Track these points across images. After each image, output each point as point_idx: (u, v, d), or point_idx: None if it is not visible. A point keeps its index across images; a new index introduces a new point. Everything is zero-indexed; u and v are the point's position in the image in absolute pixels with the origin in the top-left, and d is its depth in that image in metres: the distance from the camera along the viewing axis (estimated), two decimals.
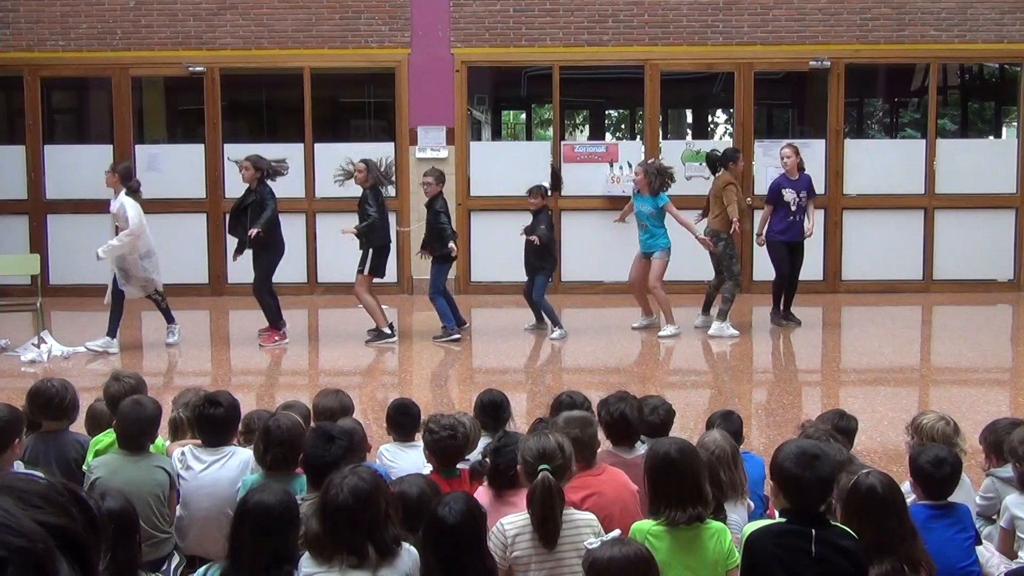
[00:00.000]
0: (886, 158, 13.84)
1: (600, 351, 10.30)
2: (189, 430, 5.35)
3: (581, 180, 13.57)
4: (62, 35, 13.58)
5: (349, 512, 3.52)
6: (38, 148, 13.80)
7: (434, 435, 4.70)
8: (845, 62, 13.46)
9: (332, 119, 16.57)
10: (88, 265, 13.61)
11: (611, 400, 5.00)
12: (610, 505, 4.26)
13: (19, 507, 0.89)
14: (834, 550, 3.54)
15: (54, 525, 0.90)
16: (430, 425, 4.77)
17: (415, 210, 12.50)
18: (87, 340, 10.44)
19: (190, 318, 12.63)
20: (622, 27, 13.44)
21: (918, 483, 4.35)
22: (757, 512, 4.87)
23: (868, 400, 8.27)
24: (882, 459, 6.15)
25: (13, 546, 0.86)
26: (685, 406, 7.37)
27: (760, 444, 6.81)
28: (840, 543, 3.57)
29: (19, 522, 0.88)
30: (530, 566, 3.86)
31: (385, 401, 7.13)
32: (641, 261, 10.93)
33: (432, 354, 10.28)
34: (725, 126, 21.30)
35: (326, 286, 13.08)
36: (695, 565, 3.87)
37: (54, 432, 5.22)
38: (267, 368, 9.97)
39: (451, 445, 4.69)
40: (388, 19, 13.47)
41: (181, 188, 13.63)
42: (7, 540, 0.86)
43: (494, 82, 17.45)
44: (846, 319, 11.50)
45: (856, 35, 13.39)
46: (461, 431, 4.76)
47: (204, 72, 13.54)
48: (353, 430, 4.68)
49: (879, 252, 13.52)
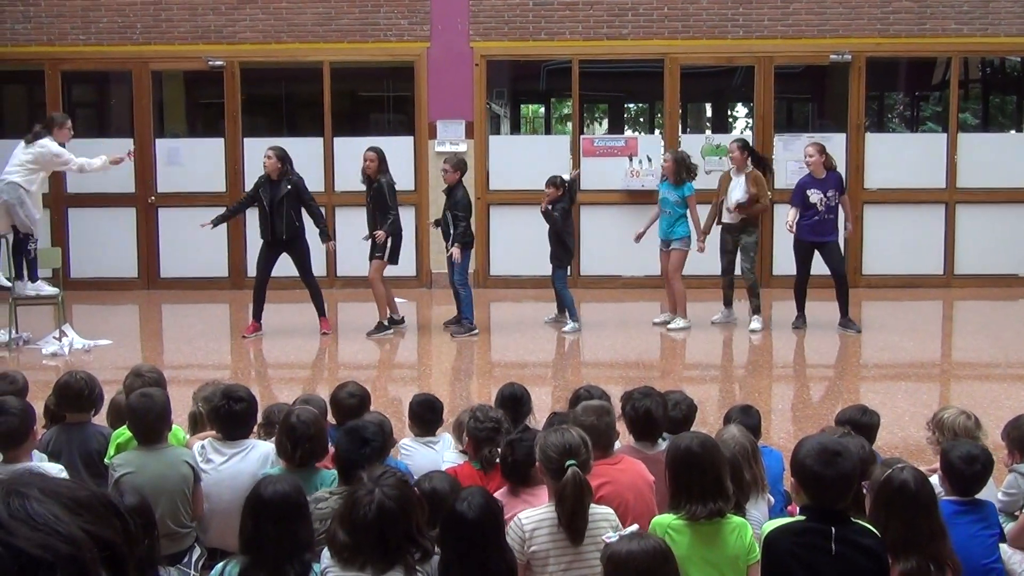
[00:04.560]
0: (907, 152, 13.77)
1: (619, 345, 10.29)
2: (209, 423, 5.37)
3: (600, 174, 13.55)
4: (83, 29, 13.64)
5: (377, 530, 3.51)
6: None
7: (480, 424, 4.74)
8: (866, 56, 13.40)
9: (351, 113, 16.58)
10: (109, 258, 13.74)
11: (635, 395, 4.96)
12: (625, 493, 4.25)
13: (67, 514, 0.89)
14: (855, 548, 3.51)
15: (97, 535, 0.90)
16: (476, 414, 4.80)
17: (434, 203, 12.51)
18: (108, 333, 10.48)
19: (210, 311, 12.72)
20: (641, 21, 13.42)
21: (947, 478, 4.32)
22: (777, 507, 4.86)
23: (889, 395, 8.24)
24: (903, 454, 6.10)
25: (62, 552, 0.87)
26: (704, 401, 7.34)
27: (780, 439, 6.80)
28: (861, 541, 3.53)
29: (68, 529, 0.89)
30: (548, 561, 3.86)
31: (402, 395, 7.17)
32: (665, 253, 10.96)
33: (450, 348, 10.28)
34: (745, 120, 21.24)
35: (345, 280, 13.11)
36: (716, 560, 3.86)
37: (77, 424, 5.27)
38: (286, 361, 10.00)
39: (494, 438, 4.72)
40: (407, 13, 13.48)
41: (201, 182, 13.69)
42: (56, 546, 0.87)
43: (513, 76, 17.43)
44: (866, 314, 11.44)
45: (877, 29, 13.33)
46: (505, 426, 4.79)
47: (224, 66, 13.59)
48: (382, 423, 4.69)
49: (900, 247, 13.47)
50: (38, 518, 0.88)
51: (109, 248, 13.82)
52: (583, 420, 4.45)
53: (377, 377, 9.28)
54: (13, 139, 14.20)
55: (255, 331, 10.62)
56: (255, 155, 12.21)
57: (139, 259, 13.92)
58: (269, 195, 10.38)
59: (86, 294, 12.86)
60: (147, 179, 13.83)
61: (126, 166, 13.70)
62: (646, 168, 13.45)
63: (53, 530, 0.88)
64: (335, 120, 13.86)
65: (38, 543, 0.86)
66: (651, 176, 13.21)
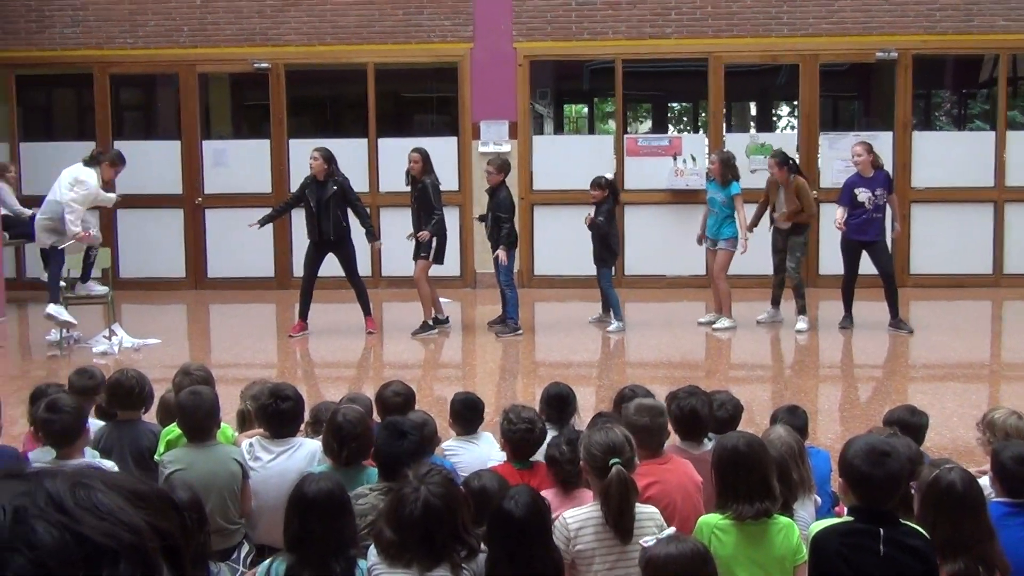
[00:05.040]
0: (955, 151, 13.62)
1: (664, 345, 10.26)
2: (256, 422, 5.41)
3: (644, 173, 13.52)
4: (131, 33, 13.80)
5: (422, 527, 3.53)
6: (107, 144, 13.96)
7: (513, 426, 4.73)
8: (912, 53, 13.27)
9: (395, 114, 16.66)
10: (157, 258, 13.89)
11: (681, 395, 4.96)
12: (672, 493, 4.25)
13: (129, 505, 0.91)
14: (903, 549, 3.47)
15: (157, 527, 0.92)
16: (510, 416, 4.80)
17: (477, 203, 12.53)
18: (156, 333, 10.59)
19: (256, 311, 12.83)
20: (685, 20, 13.37)
21: (998, 479, 4.27)
22: (825, 507, 4.83)
23: (937, 396, 8.16)
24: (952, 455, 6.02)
25: (125, 541, 0.88)
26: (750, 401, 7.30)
27: (827, 440, 6.75)
28: (909, 542, 3.49)
29: (131, 519, 0.90)
30: (594, 559, 3.86)
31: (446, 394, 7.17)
32: (711, 252, 10.95)
33: (495, 348, 10.30)
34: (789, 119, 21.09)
35: (390, 280, 13.17)
36: (762, 560, 3.85)
37: (128, 421, 5.33)
38: (332, 360, 10.06)
39: (528, 439, 4.72)
40: (451, 14, 13.52)
41: (247, 183, 13.81)
42: (120, 535, 0.88)
43: (556, 76, 17.43)
44: (914, 314, 11.33)
45: (923, 26, 13.19)
46: (539, 426, 4.78)
47: (269, 68, 13.70)
48: (425, 422, 4.70)
49: (948, 246, 13.32)
50: (103, 508, 0.89)
51: (157, 249, 13.97)
52: (636, 420, 4.44)
53: (422, 377, 9.31)
54: (63, 141, 14.47)
55: (301, 330, 10.70)
56: (300, 156, 12.32)
57: (187, 259, 14.06)
58: (315, 196, 10.45)
59: (135, 294, 13.00)
60: (194, 180, 13.97)
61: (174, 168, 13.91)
62: (690, 167, 13.40)
63: (117, 520, 0.89)
64: (379, 121, 13.93)
65: (103, 532, 0.88)
66: (695, 175, 13.17)
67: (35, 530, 0.86)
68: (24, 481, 0.91)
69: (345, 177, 10.64)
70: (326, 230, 10.46)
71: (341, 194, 10.46)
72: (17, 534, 0.85)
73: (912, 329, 10.58)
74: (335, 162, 10.60)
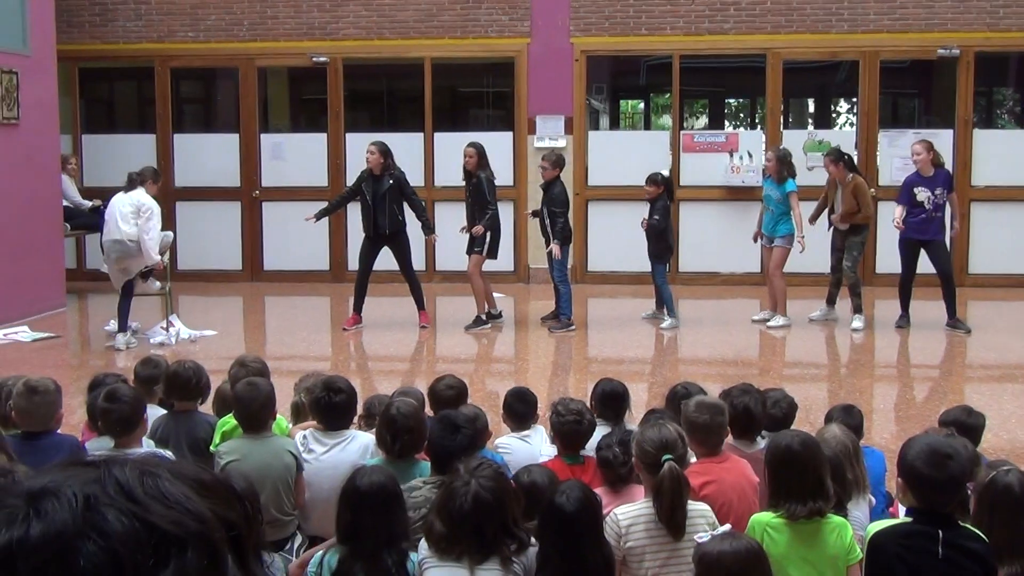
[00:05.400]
0: (1017, 149, 13.39)
1: (717, 342, 10.20)
2: (310, 414, 5.45)
3: (700, 170, 13.45)
4: (191, 27, 13.95)
5: (473, 520, 3.54)
6: (168, 137, 14.22)
7: (561, 418, 4.73)
8: (975, 50, 13.07)
9: (452, 108, 16.70)
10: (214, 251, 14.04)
11: (734, 392, 4.93)
12: (729, 492, 4.23)
13: (195, 494, 0.92)
14: (961, 552, 3.41)
15: (222, 516, 0.93)
16: (558, 408, 4.80)
17: (532, 198, 12.53)
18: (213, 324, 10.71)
19: (311, 304, 12.93)
20: (744, 15, 13.27)
21: None
22: (879, 508, 4.78)
23: (995, 396, 8.05)
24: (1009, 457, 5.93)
25: (192, 529, 0.89)
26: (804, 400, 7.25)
27: (882, 440, 6.68)
28: (968, 545, 3.43)
29: (197, 508, 0.91)
30: (644, 556, 3.85)
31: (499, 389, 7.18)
32: (767, 249, 10.88)
33: (547, 343, 10.30)
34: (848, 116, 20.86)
35: (444, 274, 13.21)
36: (815, 559, 3.82)
37: (185, 412, 5.39)
38: (385, 354, 10.11)
39: (577, 430, 4.72)
40: (508, 9, 13.53)
41: (304, 176, 13.92)
42: (187, 524, 0.89)
43: (613, 71, 17.38)
44: (972, 313, 11.17)
45: (987, 22, 13.00)
46: (588, 417, 4.77)
47: (327, 62, 13.79)
48: (477, 416, 4.71)
49: (1008, 245, 13.12)
50: (170, 497, 0.91)
51: (214, 241, 14.12)
52: (696, 417, 4.42)
53: (474, 371, 9.33)
54: (124, 133, 14.68)
55: (355, 324, 10.77)
56: (357, 150, 12.37)
57: (243, 252, 14.20)
58: (372, 190, 10.50)
59: (192, 286, 13.12)
60: (251, 174, 14.10)
61: (233, 162, 14.05)
62: (747, 164, 13.31)
63: (185, 508, 0.90)
64: (435, 116, 13.97)
65: (171, 520, 0.89)
66: (752, 172, 13.08)
67: (106, 518, 0.87)
68: (93, 469, 0.92)
69: (401, 171, 10.68)
70: (382, 224, 10.50)
71: (397, 188, 10.50)
72: (88, 521, 0.86)
73: (970, 329, 10.44)
74: (391, 156, 10.64)
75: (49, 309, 11.85)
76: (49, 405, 4.80)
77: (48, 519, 0.86)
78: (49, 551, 0.85)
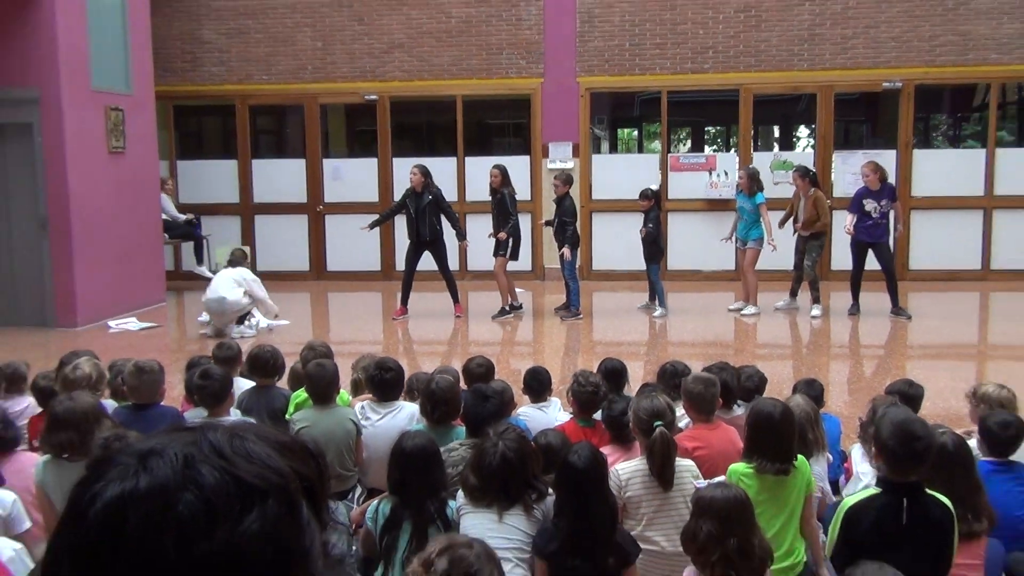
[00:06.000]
0: (950, 166, 13.29)
1: (700, 328, 10.18)
2: (366, 388, 5.47)
3: (684, 186, 13.41)
4: (265, 71, 13.99)
5: (501, 475, 3.57)
6: (247, 162, 14.27)
7: (581, 387, 4.76)
8: (914, 83, 12.98)
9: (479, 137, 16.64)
10: (286, 255, 14.09)
11: (714, 369, 4.94)
12: (716, 457, 4.22)
13: (276, 453, 0.92)
14: (925, 518, 3.33)
15: (299, 471, 0.93)
16: (579, 378, 4.81)
17: (546, 210, 12.50)
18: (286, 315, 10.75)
19: (366, 298, 12.96)
20: (720, 57, 13.22)
21: (985, 442, 4.19)
22: (836, 463, 4.78)
23: (932, 371, 8.00)
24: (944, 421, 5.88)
25: (273, 482, 0.89)
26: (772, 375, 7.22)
27: (838, 407, 6.66)
28: (930, 512, 3.35)
29: (278, 464, 0.91)
30: (641, 504, 3.87)
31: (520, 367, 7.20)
32: (741, 251, 10.85)
33: (560, 329, 10.29)
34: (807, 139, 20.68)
35: (474, 273, 13.22)
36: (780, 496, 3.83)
37: (265, 387, 5.42)
38: (426, 339, 10.13)
39: (592, 399, 4.74)
40: (525, 54, 13.52)
41: (359, 193, 13.94)
42: (269, 477, 0.89)
43: (612, 105, 17.31)
44: (912, 303, 11.10)
45: (925, 60, 12.90)
46: (602, 389, 4.78)
47: (377, 100, 13.80)
48: (504, 390, 4.73)
49: (943, 246, 13.03)
50: (255, 455, 0.90)
51: (286, 247, 14.17)
52: (692, 388, 4.42)
53: (500, 352, 9.34)
54: (211, 159, 14.74)
55: (402, 314, 10.79)
56: (402, 172, 12.42)
57: (310, 256, 14.24)
58: (415, 204, 10.53)
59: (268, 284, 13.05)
60: (316, 192, 14.15)
61: (300, 182, 14.09)
62: (723, 180, 13.26)
63: (267, 465, 0.90)
64: (466, 143, 13.96)
65: (255, 474, 0.89)
66: (728, 187, 13.03)
67: (201, 473, 0.87)
68: (191, 433, 0.92)
69: (439, 189, 10.69)
70: (423, 232, 10.53)
71: (435, 203, 10.52)
72: (187, 476, 0.87)
73: (910, 316, 10.39)
74: (431, 176, 10.66)
75: (152, 304, 11.93)
76: (154, 382, 4.85)
77: (154, 474, 0.87)
78: (154, 500, 0.85)
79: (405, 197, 10.71)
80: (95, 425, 3.91)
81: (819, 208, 10.52)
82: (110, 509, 0.85)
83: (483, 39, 13.55)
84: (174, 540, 0.83)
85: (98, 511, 0.85)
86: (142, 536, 0.83)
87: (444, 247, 10.70)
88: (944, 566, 3.29)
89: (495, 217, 10.77)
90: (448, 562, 2.53)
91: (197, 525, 0.84)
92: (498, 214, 10.70)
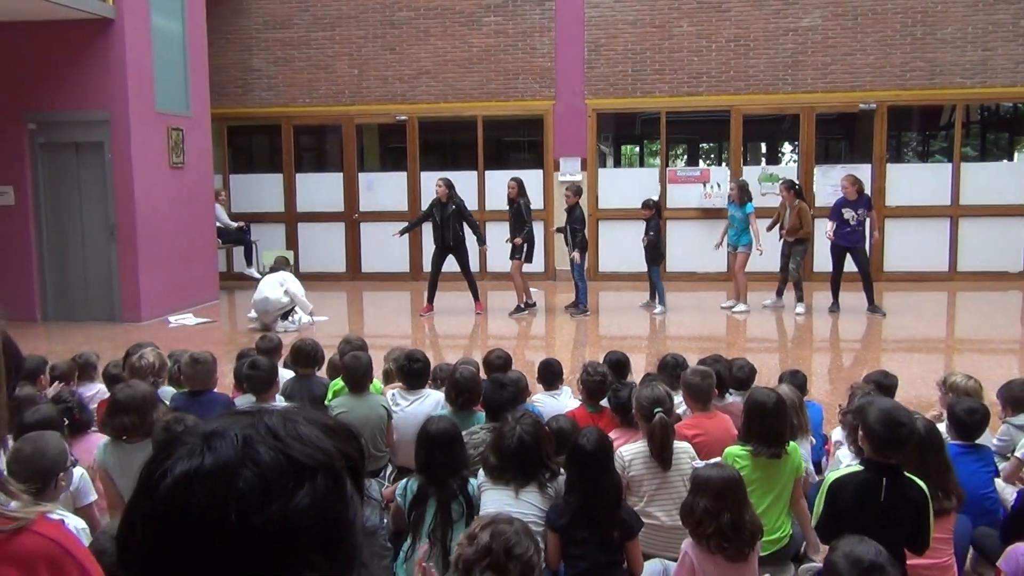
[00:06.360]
0: (919, 178, 13.20)
1: (696, 324, 10.13)
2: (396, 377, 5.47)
3: (681, 196, 13.36)
4: (307, 95, 14.03)
5: (518, 455, 3.55)
6: (291, 176, 14.32)
7: (590, 376, 4.73)
8: (888, 104, 12.90)
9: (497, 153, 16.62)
10: (325, 258, 14.12)
11: (708, 361, 4.91)
12: (713, 443, 4.18)
13: (323, 435, 0.92)
14: (902, 496, 3.27)
15: (343, 451, 0.93)
16: (588, 368, 4.79)
17: (557, 218, 12.49)
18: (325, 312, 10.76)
19: (394, 298, 12.96)
20: (713, 81, 13.17)
21: (953, 427, 4.15)
22: (818, 447, 4.74)
23: (905, 363, 7.93)
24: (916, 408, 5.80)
25: (321, 461, 0.89)
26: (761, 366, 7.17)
27: (819, 395, 6.61)
28: (907, 492, 3.27)
29: (325, 444, 0.91)
30: (643, 483, 3.85)
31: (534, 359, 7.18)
32: (732, 255, 10.82)
33: (569, 325, 10.27)
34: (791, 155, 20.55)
35: (493, 275, 13.21)
36: (771, 477, 3.80)
37: (306, 376, 5.42)
38: (450, 333, 10.13)
39: (600, 388, 4.71)
40: (539, 79, 13.50)
41: (390, 203, 13.97)
42: (318, 456, 0.89)
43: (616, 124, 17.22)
44: (886, 302, 11.01)
45: (896, 83, 12.81)
46: (609, 379, 4.76)
47: (406, 120, 13.82)
48: (520, 379, 4.72)
49: (914, 250, 12.94)
50: (305, 437, 0.91)
51: (325, 251, 14.21)
52: (691, 380, 4.38)
53: (516, 345, 9.32)
54: (260, 173, 14.78)
55: (429, 311, 10.79)
56: (429, 184, 12.41)
57: (347, 259, 14.27)
58: (440, 213, 10.53)
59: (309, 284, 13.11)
60: (352, 202, 14.17)
61: (338, 193, 14.10)
62: (716, 192, 13.20)
63: (315, 445, 0.90)
64: (486, 158, 13.97)
65: (305, 453, 0.89)
66: (720, 198, 12.96)
67: (258, 452, 0.88)
68: (249, 416, 0.93)
69: (461, 199, 10.68)
70: (448, 238, 10.53)
71: (458, 212, 10.51)
72: (246, 455, 0.87)
73: (885, 313, 10.31)
74: (454, 188, 10.66)
75: (207, 301, 11.98)
76: (208, 372, 4.85)
77: (217, 452, 0.88)
78: (217, 476, 0.86)
79: (431, 207, 10.71)
80: (152, 410, 3.92)
81: (803, 218, 10.50)
82: (179, 483, 0.86)
83: (501, 66, 13.54)
84: (235, 512, 0.84)
85: (168, 485, 0.87)
86: (206, 508, 0.85)
87: (466, 251, 10.69)
88: (922, 542, 3.24)
89: (512, 224, 10.75)
90: (490, 535, 2.54)
91: (255, 499, 0.85)
92: (514, 222, 10.68)
